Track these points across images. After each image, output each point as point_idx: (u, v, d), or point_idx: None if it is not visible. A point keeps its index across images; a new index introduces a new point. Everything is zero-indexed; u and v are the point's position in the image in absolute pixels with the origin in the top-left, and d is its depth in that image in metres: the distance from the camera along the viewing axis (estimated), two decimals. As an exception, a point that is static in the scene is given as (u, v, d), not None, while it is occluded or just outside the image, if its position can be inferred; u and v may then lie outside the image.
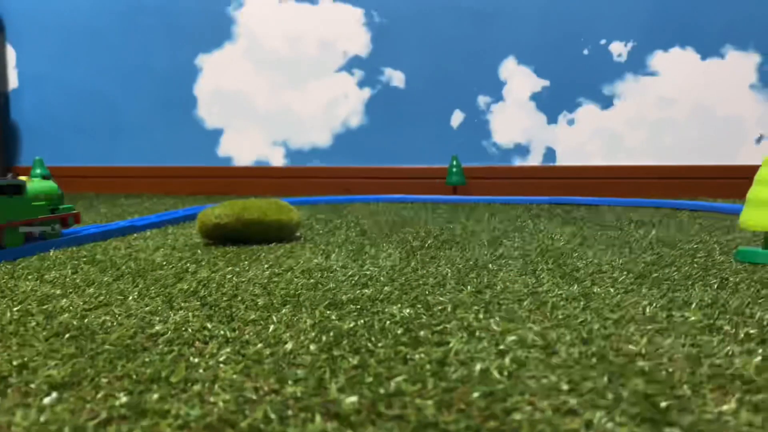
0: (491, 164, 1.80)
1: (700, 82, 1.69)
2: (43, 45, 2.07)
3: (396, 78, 1.84)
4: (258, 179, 1.93)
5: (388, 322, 0.41)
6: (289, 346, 0.36)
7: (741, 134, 1.69)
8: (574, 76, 1.74)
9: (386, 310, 0.45)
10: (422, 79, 1.83)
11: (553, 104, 1.76)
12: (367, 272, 0.60)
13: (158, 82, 1.99)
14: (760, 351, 0.35)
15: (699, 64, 1.69)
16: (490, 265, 0.64)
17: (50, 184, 0.80)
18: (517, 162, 1.79)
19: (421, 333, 0.39)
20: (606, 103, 1.73)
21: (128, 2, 1.98)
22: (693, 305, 0.46)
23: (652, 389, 0.29)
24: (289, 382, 0.30)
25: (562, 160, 1.76)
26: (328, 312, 0.44)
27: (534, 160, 1.78)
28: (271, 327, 0.40)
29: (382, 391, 0.29)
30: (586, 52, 1.73)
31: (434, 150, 1.84)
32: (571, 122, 1.75)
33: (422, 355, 0.34)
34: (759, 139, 1.30)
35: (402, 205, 1.46)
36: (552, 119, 1.76)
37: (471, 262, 0.66)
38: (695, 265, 0.63)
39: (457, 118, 1.82)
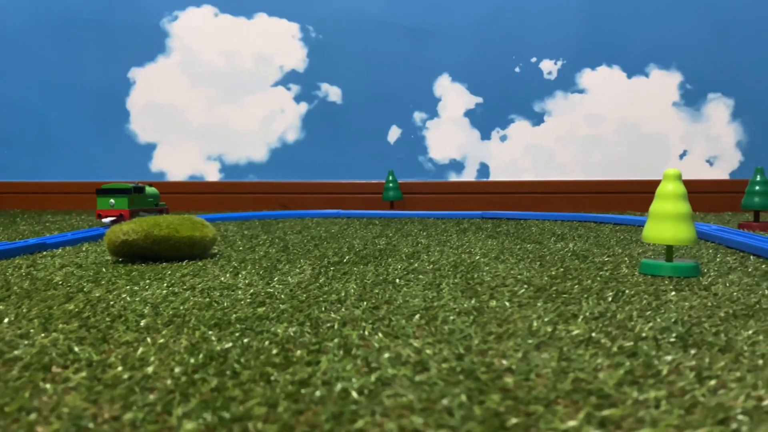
0: (427, 179, 1.81)
1: (626, 100, 1.75)
2: (-34, 56, 1.98)
3: (333, 93, 1.84)
4: (192, 194, 1.89)
5: (267, 342, 0.40)
6: (150, 369, 0.34)
7: (666, 150, 1.75)
8: (507, 93, 1.77)
9: (272, 329, 0.43)
10: (359, 95, 1.83)
11: (486, 121, 1.78)
12: (270, 290, 0.59)
13: (89, 95, 1.94)
14: (627, 364, 0.35)
15: (625, 83, 1.75)
16: (397, 280, 0.63)
17: (153, 190, 1.28)
18: (453, 177, 1.80)
19: (298, 352, 0.38)
20: (537, 119, 1.77)
21: (59, 15, 1.93)
22: (580, 318, 0.46)
23: (506, 406, 0.29)
24: (134, 408, 0.29)
25: (496, 176, 1.79)
26: (209, 332, 0.43)
27: (469, 175, 1.80)
28: (142, 349, 0.38)
29: (228, 415, 0.28)
30: (517, 69, 1.77)
31: (371, 165, 1.84)
32: (503, 138, 1.78)
33: (288, 376, 0.33)
34: None
35: (335, 220, 1.45)
36: (485, 135, 1.78)
37: (381, 277, 0.65)
38: (598, 278, 0.64)
39: (394, 133, 1.83)
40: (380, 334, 0.42)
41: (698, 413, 0.28)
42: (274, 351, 0.38)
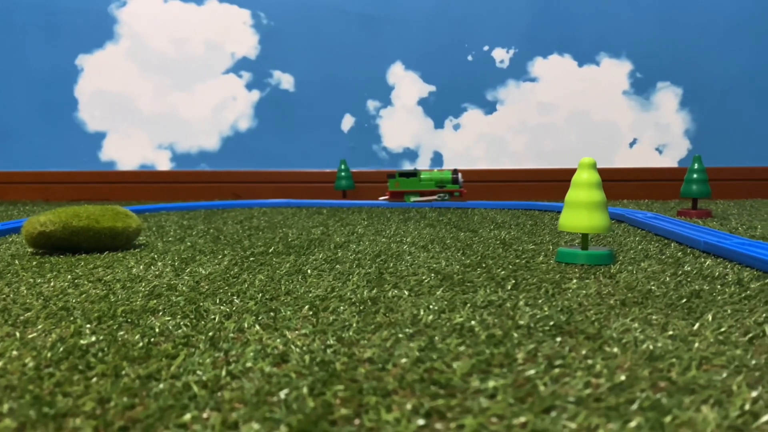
0: (381, 168, 1.81)
1: (577, 88, 1.76)
2: None
3: (285, 81, 1.82)
4: (143, 184, 1.86)
5: (138, 335, 0.39)
6: None
7: (616, 138, 1.77)
8: (459, 81, 1.77)
9: (150, 322, 0.43)
10: (312, 83, 1.82)
11: (439, 109, 1.78)
12: (175, 282, 0.58)
13: (35, 83, 1.89)
14: (487, 353, 0.35)
15: (576, 71, 1.76)
16: (309, 271, 0.63)
17: (444, 174, 1.47)
18: (407, 166, 1.80)
19: (163, 346, 0.37)
20: (489, 108, 1.77)
21: (0, -2, 1.87)
22: (467, 307, 0.46)
23: (343, 398, 0.29)
24: (-41, 406, 0.28)
25: (449, 164, 1.79)
26: (87, 326, 0.42)
27: (422, 164, 1.80)
28: (4, 344, 0.37)
29: (52, 412, 0.27)
30: (470, 58, 1.77)
31: (324, 154, 1.83)
32: (456, 127, 1.78)
33: (141, 370, 0.33)
34: None
35: (282, 210, 1.44)
36: (439, 124, 1.78)
37: (295, 268, 0.65)
38: (509, 267, 0.64)
39: (347, 122, 1.82)
40: (258, 327, 0.41)
41: (528, 402, 0.28)
42: (139, 345, 0.37)
